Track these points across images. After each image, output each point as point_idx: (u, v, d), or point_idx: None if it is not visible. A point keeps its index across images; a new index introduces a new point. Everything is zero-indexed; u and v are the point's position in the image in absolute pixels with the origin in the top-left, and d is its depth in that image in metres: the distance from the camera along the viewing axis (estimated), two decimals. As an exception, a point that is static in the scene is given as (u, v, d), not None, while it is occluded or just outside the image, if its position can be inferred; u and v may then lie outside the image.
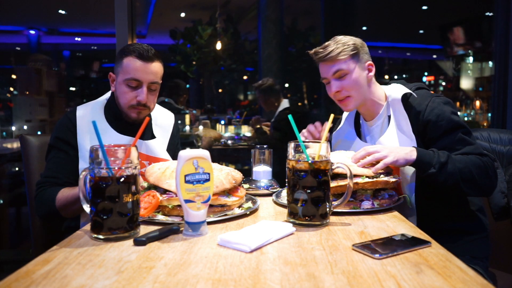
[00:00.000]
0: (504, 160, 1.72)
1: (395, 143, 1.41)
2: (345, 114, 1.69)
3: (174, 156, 1.61)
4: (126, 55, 1.46)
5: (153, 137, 1.62)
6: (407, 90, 1.43)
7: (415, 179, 1.36)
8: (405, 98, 1.43)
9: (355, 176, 1.22)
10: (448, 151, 1.32)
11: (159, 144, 1.60)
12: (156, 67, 1.47)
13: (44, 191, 1.41)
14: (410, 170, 1.37)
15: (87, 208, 0.99)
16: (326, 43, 1.47)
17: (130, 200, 0.95)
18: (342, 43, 1.44)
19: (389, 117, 1.47)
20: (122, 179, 0.94)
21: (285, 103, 3.64)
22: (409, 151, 1.26)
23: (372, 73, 1.49)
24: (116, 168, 0.94)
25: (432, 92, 1.49)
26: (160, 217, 1.11)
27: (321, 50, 1.45)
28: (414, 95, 1.42)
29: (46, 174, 1.45)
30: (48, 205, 1.38)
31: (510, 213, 1.50)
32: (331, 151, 1.67)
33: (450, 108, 1.38)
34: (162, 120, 1.70)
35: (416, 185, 1.36)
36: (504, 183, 1.56)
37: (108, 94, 1.60)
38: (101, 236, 0.94)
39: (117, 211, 0.94)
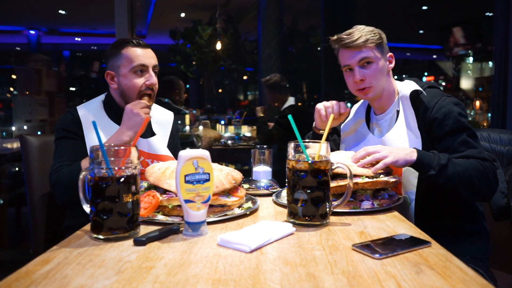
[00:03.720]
0: (504, 160, 1.72)
1: (402, 138, 1.41)
2: (354, 108, 1.69)
3: (174, 156, 1.61)
4: (122, 47, 1.50)
5: (153, 134, 1.62)
6: (418, 88, 1.42)
7: (417, 180, 1.36)
8: (414, 95, 1.42)
9: (355, 176, 1.22)
10: (450, 152, 1.32)
11: (159, 141, 1.61)
12: (152, 52, 1.56)
13: (63, 171, 1.36)
14: (413, 178, 1.37)
15: (87, 208, 0.99)
16: (351, 30, 1.44)
17: (130, 200, 0.95)
18: (367, 31, 1.43)
19: (398, 112, 1.47)
20: (122, 179, 0.94)
21: (291, 101, 3.63)
22: (410, 152, 1.26)
23: (392, 65, 1.49)
24: (116, 168, 0.94)
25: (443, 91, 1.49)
26: (160, 217, 1.11)
27: (346, 36, 1.43)
28: (424, 93, 1.41)
29: (59, 161, 1.41)
30: (77, 178, 1.33)
31: (510, 213, 1.50)
32: (340, 142, 1.69)
33: (458, 109, 1.36)
34: (161, 117, 1.71)
35: (418, 185, 1.36)
36: (504, 183, 1.56)
37: (103, 95, 1.61)
38: (101, 236, 0.94)
39: (117, 211, 0.94)
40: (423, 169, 1.26)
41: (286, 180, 1.11)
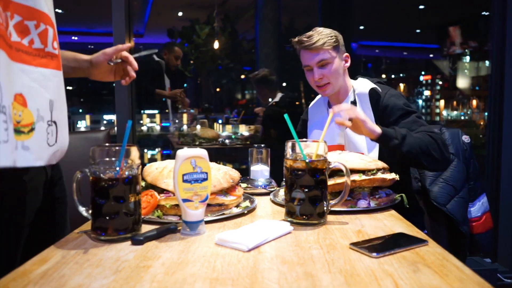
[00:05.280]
0: None
1: None
2: (311, 107, 1.84)
3: None
4: None
5: None
6: (372, 85, 1.64)
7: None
8: (371, 91, 1.63)
9: (352, 173, 1.22)
10: None
11: None
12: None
13: None
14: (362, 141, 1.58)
15: (83, 210, 0.98)
16: (310, 33, 1.62)
17: (133, 200, 0.95)
18: (325, 34, 1.60)
19: (352, 103, 1.65)
20: (127, 179, 0.94)
21: (277, 97, 3.57)
22: (375, 125, 1.40)
23: (348, 64, 1.68)
24: (123, 168, 0.93)
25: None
26: (158, 216, 1.11)
27: (306, 39, 1.60)
28: (377, 87, 1.63)
29: None
30: None
31: (427, 193, 1.74)
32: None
33: (403, 98, 1.60)
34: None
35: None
36: (415, 170, 1.78)
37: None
38: (104, 237, 0.94)
39: (123, 211, 0.93)
40: (387, 140, 1.38)
41: (284, 179, 1.11)
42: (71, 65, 1.25)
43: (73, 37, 9.87)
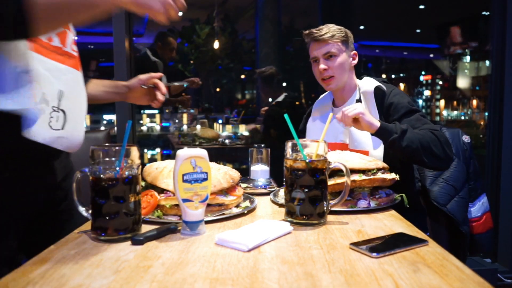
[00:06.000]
0: None
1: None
2: (316, 104, 1.84)
3: None
4: None
5: None
6: (377, 83, 1.65)
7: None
8: (375, 89, 1.63)
9: (352, 173, 1.22)
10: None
11: None
12: None
13: None
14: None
15: (83, 210, 0.99)
16: (321, 27, 1.65)
17: (133, 200, 0.95)
18: (335, 29, 1.64)
19: (357, 101, 1.66)
20: (128, 179, 0.94)
21: (280, 98, 3.55)
22: (375, 119, 1.41)
23: (355, 62, 1.70)
24: (123, 168, 0.93)
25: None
26: (158, 217, 1.11)
27: (316, 31, 1.64)
28: (382, 85, 1.64)
29: None
30: None
31: (427, 193, 1.75)
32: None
33: (408, 97, 1.61)
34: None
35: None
36: (416, 170, 1.77)
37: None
38: (104, 238, 0.94)
39: (123, 211, 0.93)
40: (387, 134, 1.38)
41: (284, 179, 1.11)
42: (111, 91, 1.43)
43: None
